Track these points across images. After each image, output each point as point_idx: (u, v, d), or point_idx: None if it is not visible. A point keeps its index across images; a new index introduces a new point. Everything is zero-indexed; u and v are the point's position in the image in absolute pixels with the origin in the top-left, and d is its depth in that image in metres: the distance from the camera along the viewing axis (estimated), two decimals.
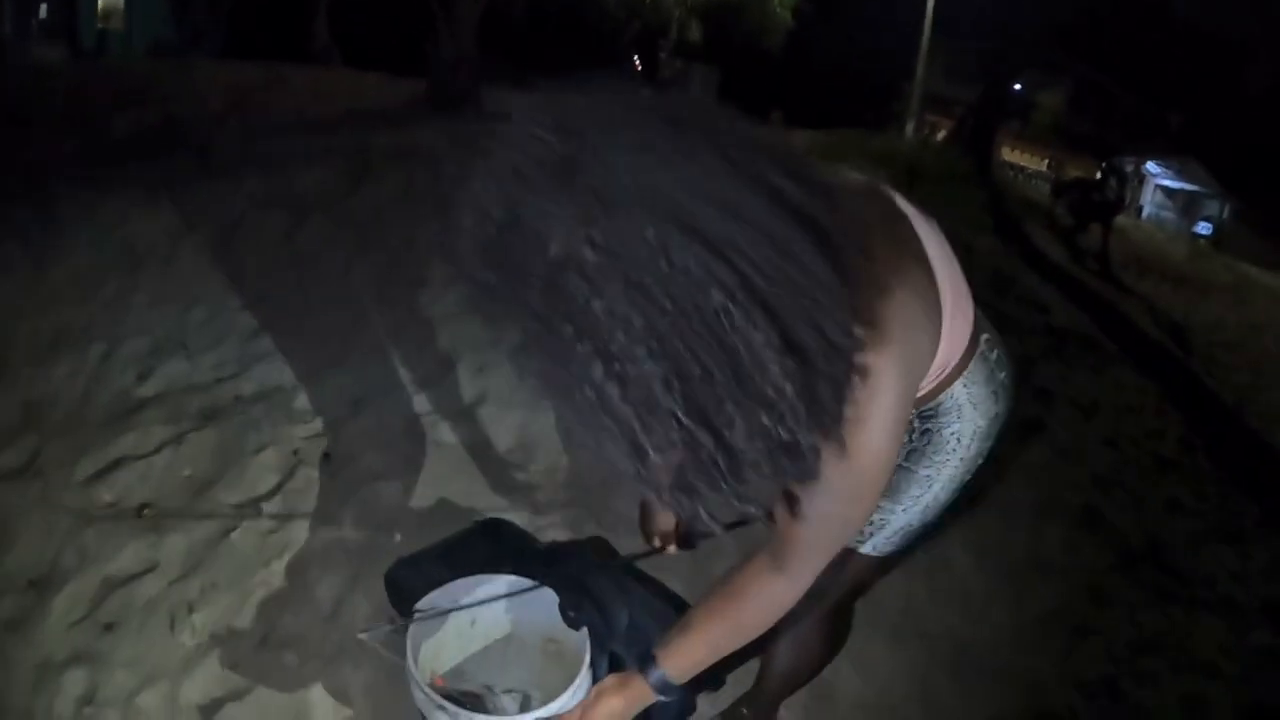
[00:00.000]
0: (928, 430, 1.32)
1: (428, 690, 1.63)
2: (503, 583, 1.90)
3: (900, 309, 0.99)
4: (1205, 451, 3.19)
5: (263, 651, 1.96)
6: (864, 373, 0.88)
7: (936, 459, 1.33)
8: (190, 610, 2.02)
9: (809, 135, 7.03)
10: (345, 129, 5.02)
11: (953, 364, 1.23)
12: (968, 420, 1.30)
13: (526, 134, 0.82)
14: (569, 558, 1.94)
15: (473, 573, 1.89)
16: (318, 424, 2.63)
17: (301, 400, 2.72)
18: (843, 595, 1.58)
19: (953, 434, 1.31)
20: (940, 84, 17.60)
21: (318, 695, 1.88)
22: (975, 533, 2.56)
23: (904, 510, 1.37)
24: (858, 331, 0.83)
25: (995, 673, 2.20)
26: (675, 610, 1.77)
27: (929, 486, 1.35)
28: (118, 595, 2.06)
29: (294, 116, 5.22)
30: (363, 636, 1.78)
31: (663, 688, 1.22)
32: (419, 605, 1.79)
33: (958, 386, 1.26)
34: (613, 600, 1.79)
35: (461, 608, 1.77)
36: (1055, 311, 3.98)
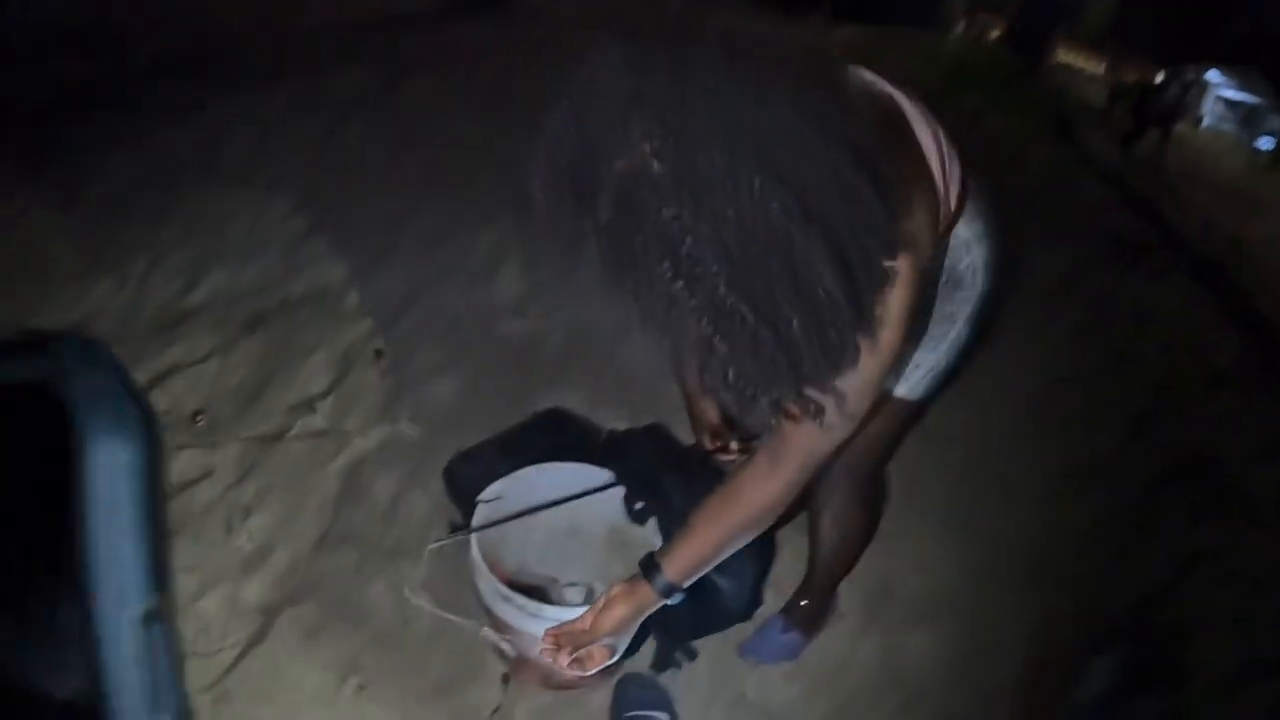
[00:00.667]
0: (944, 269, 1.37)
1: (494, 581, 1.50)
2: (566, 470, 1.75)
3: (918, 216, 1.09)
4: (1259, 368, 2.94)
5: (321, 552, 1.87)
6: (892, 277, 0.97)
7: (958, 295, 1.39)
8: (247, 514, 1.93)
9: (851, 31, 6.60)
10: (376, 33, 4.77)
11: (950, 213, 1.27)
12: (976, 253, 1.36)
13: (599, 67, 0.89)
14: (633, 449, 1.80)
15: (534, 463, 1.76)
16: (368, 323, 2.50)
17: (350, 300, 2.59)
18: (875, 461, 1.60)
19: (967, 267, 1.37)
20: None
21: (378, 592, 1.78)
22: (1027, 436, 2.43)
23: (932, 350, 1.42)
24: (890, 243, 0.93)
25: (1045, 578, 2.08)
26: None
27: (954, 323, 1.41)
28: (175, 502, 1.97)
29: (322, 25, 4.99)
30: (433, 548, 1.66)
31: (666, 591, 1.23)
32: (482, 496, 1.67)
33: (960, 227, 1.31)
34: (677, 494, 1.64)
35: (530, 511, 1.63)
36: (1111, 217, 3.75)
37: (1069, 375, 2.70)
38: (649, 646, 1.78)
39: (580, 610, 1.31)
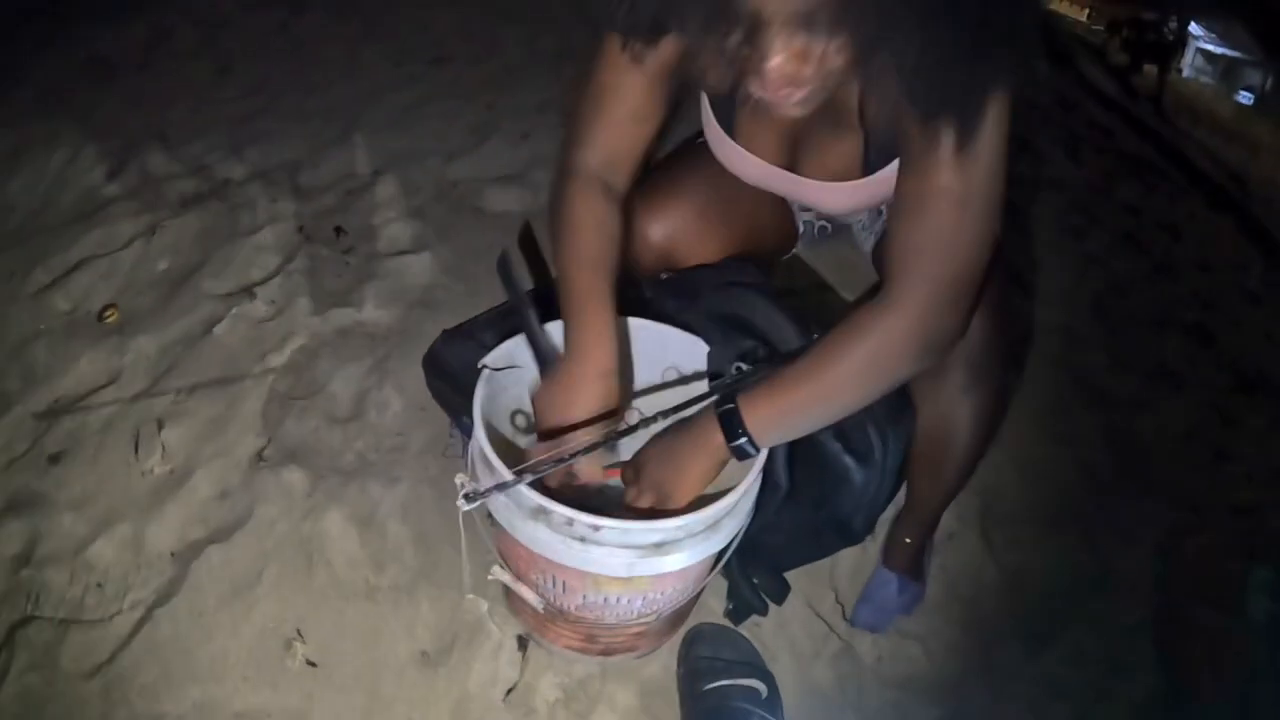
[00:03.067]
0: None
1: (516, 485, 0.92)
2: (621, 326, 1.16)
3: None
4: None
5: (257, 472, 1.30)
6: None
7: None
8: (160, 427, 1.36)
9: None
10: None
11: None
12: None
13: None
14: (705, 285, 1.19)
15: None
16: (328, 198, 1.91)
17: (307, 175, 2.01)
18: (988, 328, 1.07)
19: None
20: None
21: (335, 525, 1.22)
22: (1100, 338, 2.03)
23: None
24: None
25: (1157, 484, 1.67)
26: None
27: None
28: (68, 419, 1.41)
29: None
30: (465, 506, 0.92)
31: (740, 447, 0.95)
32: (486, 359, 1.08)
33: None
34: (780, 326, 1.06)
35: (619, 434, 1.01)
36: (1123, 138, 3.39)
37: (1124, 280, 2.28)
38: (714, 590, 1.22)
39: (653, 526, 0.89)
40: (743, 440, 0.95)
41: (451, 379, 1.23)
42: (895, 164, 0.97)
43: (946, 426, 1.14)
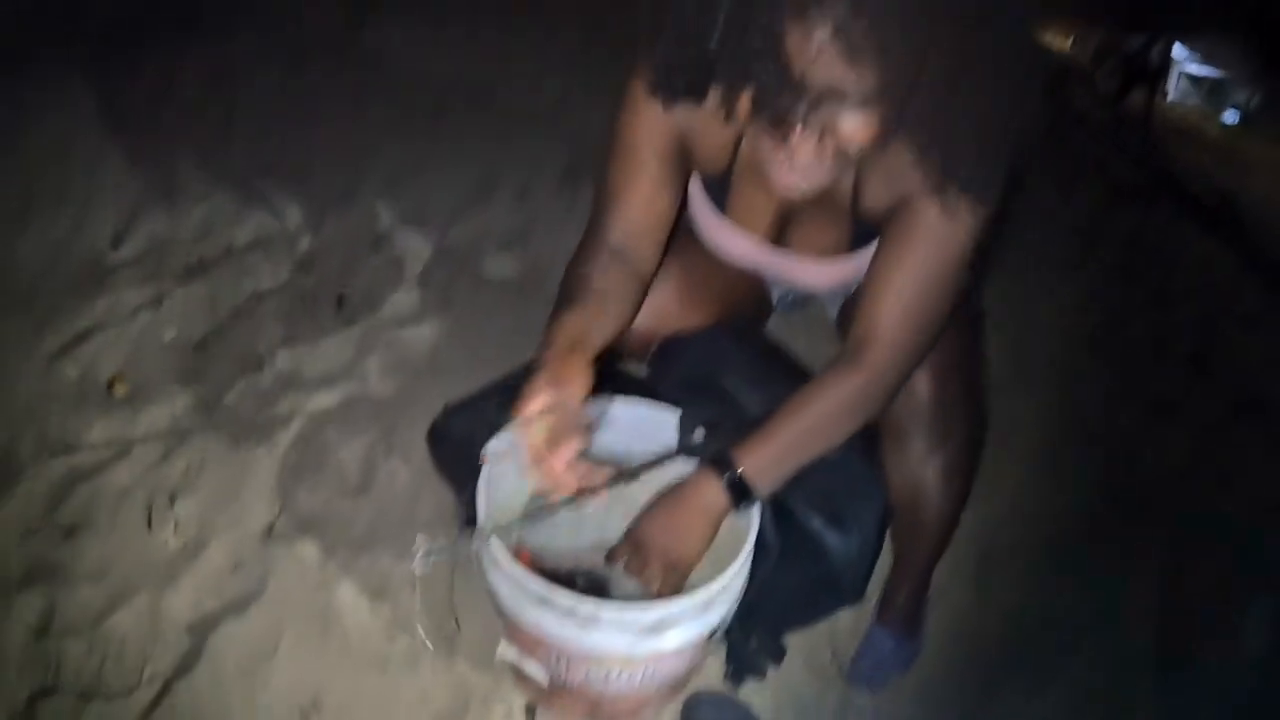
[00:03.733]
0: None
1: (522, 573, 0.98)
2: (608, 406, 1.22)
3: None
4: None
5: (270, 544, 1.35)
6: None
7: None
8: (172, 500, 1.40)
9: None
10: None
11: None
12: None
13: None
14: (684, 353, 1.25)
15: None
16: (329, 265, 1.97)
17: (307, 243, 2.06)
18: (961, 375, 1.24)
19: None
20: None
21: (347, 596, 1.26)
22: (1095, 372, 2.11)
23: None
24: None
25: (1155, 517, 1.73)
26: None
27: None
28: (82, 490, 1.44)
29: None
30: (419, 565, 1.00)
31: (738, 491, 1.03)
32: (487, 447, 1.13)
33: None
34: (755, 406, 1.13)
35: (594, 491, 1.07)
36: (1113, 168, 3.51)
37: (1119, 312, 2.37)
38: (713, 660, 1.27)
39: (650, 608, 0.95)
40: (738, 485, 1.03)
41: (453, 458, 1.29)
42: (875, 241, 1.08)
43: (916, 491, 1.22)
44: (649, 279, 1.17)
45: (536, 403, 0.93)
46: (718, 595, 1.01)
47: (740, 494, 1.03)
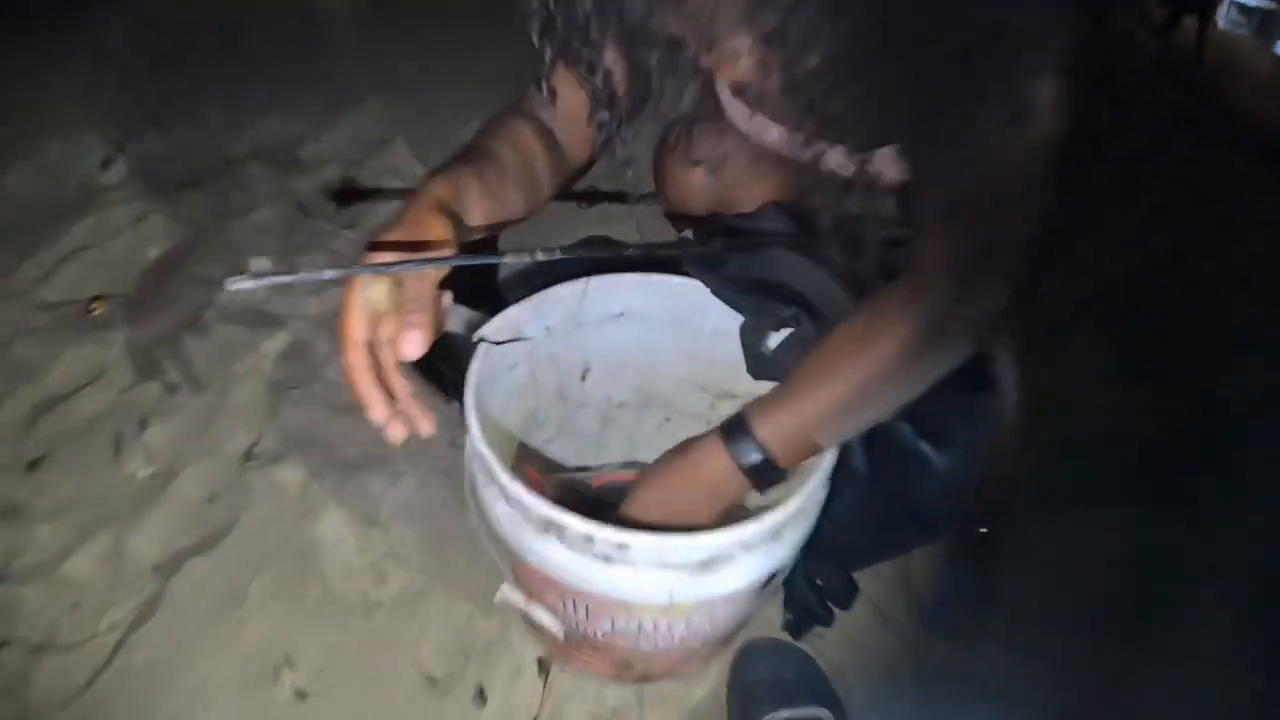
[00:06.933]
0: None
1: (525, 493, 0.74)
2: (632, 284, 0.97)
3: None
4: None
5: (249, 471, 1.13)
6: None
7: None
8: (143, 426, 1.20)
9: None
10: None
11: None
12: None
13: None
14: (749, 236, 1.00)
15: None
16: (330, 170, 1.75)
17: (309, 149, 1.84)
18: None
19: None
20: None
21: (331, 528, 1.05)
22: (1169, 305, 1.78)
23: None
24: None
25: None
26: None
27: None
28: (49, 419, 1.25)
29: None
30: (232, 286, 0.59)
31: (753, 462, 0.74)
32: (483, 330, 0.91)
33: None
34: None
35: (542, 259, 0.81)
36: (1166, 96, 3.20)
37: (1181, 242, 2.05)
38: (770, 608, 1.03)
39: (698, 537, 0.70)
40: (756, 458, 0.75)
41: (456, 356, 1.06)
42: None
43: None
44: (574, 172, 0.93)
45: (378, 256, 0.66)
46: (788, 521, 0.74)
47: (763, 474, 0.77)
